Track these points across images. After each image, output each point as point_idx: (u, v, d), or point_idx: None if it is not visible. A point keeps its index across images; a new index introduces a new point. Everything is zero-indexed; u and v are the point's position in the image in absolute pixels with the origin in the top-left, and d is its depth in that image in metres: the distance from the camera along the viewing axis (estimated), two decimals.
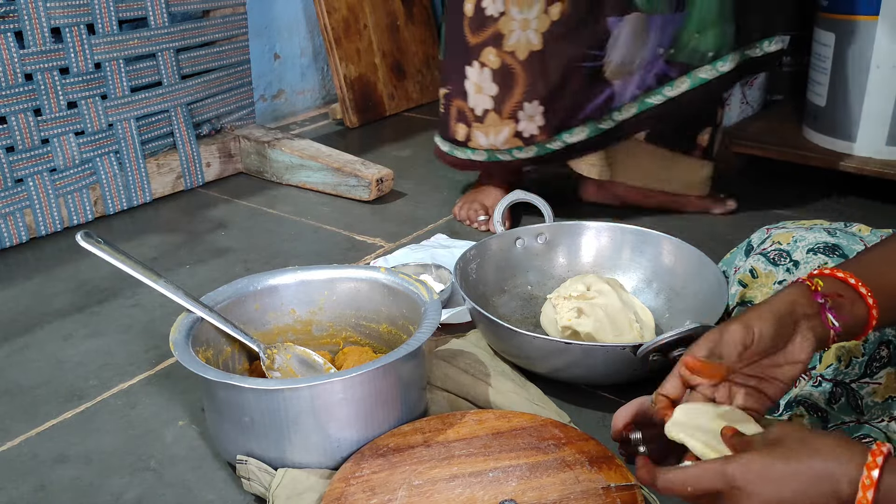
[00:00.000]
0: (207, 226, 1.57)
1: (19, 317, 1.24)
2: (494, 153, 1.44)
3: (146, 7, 1.58)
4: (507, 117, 1.40)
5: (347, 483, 0.75)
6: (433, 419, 0.85)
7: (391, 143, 2.07)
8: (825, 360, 0.81)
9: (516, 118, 1.39)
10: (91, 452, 0.92)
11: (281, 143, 1.78)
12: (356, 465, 0.78)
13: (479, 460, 0.78)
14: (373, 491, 0.74)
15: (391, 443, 0.81)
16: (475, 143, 1.45)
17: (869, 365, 0.79)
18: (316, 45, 2.33)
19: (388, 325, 0.99)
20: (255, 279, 0.99)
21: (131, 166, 1.62)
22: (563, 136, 1.38)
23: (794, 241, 0.92)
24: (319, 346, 1.01)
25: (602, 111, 1.36)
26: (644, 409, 0.78)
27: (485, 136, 1.43)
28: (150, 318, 1.22)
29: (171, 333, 0.86)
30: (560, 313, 1.06)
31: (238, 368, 0.95)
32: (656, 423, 0.68)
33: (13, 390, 1.05)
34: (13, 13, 1.38)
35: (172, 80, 1.67)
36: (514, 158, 1.43)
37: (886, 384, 0.78)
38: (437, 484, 0.75)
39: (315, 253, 1.44)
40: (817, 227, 0.93)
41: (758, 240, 1.00)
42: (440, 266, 1.24)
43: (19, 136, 1.43)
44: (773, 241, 0.94)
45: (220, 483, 0.86)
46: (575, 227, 1.23)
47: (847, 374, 0.80)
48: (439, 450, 0.80)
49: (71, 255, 1.43)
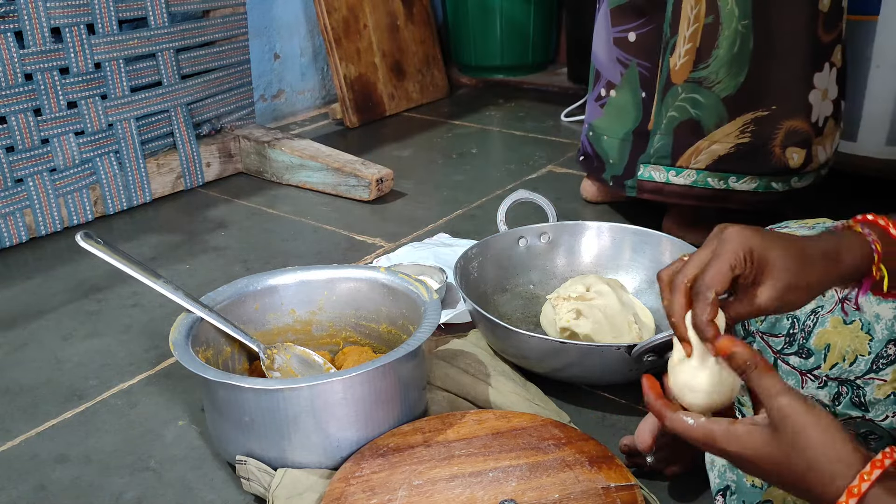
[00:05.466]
0: (207, 226, 1.57)
1: (19, 316, 1.24)
2: (819, 171, 1.33)
3: (146, 7, 1.58)
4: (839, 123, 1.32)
5: (347, 483, 0.75)
6: (433, 419, 0.85)
7: (391, 143, 2.07)
8: (829, 360, 0.81)
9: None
10: (91, 452, 0.92)
11: (281, 142, 1.78)
12: (356, 465, 0.78)
13: (479, 460, 0.77)
14: (373, 491, 0.74)
15: (391, 443, 0.81)
16: (814, 163, 1.30)
17: (875, 362, 0.78)
18: (316, 45, 2.33)
19: (387, 325, 0.99)
20: (255, 279, 0.99)
21: (131, 166, 1.62)
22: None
23: None
24: (319, 346, 1.01)
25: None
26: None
27: (824, 150, 1.30)
28: (150, 318, 1.22)
29: (170, 333, 0.85)
30: (559, 314, 1.06)
31: (238, 368, 0.95)
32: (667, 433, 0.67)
33: (13, 390, 1.05)
34: (13, 13, 1.38)
35: (172, 80, 1.67)
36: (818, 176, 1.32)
37: (892, 380, 0.77)
38: (437, 484, 0.75)
39: (315, 253, 1.44)
40: (819, 227, 0.93)
41: None
42: (434, 266, 1.24)
43: (19, 136, 1.43)
44: None
45: (220, 483, 0.86)
46: (578, 226, 1.23)
47: (852, 371, 0.79)
48: (439, 450, 0.79)
49: (71, 254, 1.43)
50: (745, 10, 1.21)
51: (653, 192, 1.37)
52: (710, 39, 1.24)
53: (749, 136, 1.27)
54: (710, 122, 1.28)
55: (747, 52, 1.23)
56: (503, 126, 2.21)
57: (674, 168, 1.33)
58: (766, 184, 1.30)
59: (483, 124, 2.23)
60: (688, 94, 1.28)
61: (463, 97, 2.54)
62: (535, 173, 1.81)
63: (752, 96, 1.26)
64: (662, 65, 1.30)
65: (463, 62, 2.65)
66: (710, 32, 1.23)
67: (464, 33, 2.58)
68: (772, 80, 1.25)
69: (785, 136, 1.27)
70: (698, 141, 1.29)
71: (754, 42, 1.23)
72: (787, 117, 1.26)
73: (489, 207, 1.60)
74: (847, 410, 0.77)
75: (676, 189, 1.34)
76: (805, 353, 0.83)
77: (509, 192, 1.39)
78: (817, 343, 0.82)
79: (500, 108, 2.39)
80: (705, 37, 1.24)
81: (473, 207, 1.62)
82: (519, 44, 2.57)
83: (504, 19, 2.52)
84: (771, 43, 1.23)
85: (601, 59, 1.44)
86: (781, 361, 0.85)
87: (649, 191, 1.37)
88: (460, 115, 2.32)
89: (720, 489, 0.75)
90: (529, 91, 2.56)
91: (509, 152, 2.01)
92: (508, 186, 1.72)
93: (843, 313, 0.82)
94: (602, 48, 1.43)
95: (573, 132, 2.11)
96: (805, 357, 0.83)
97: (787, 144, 1.27)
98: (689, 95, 1.28)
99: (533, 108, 2.37)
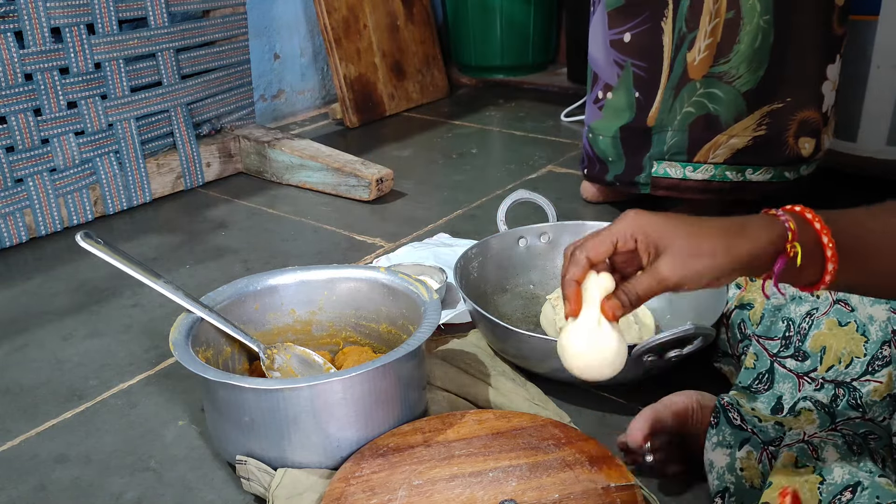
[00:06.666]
0: (207, 226, 1.57)
1: (19, 317, 1.24)
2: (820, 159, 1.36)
3: (146, 7, 1.58)
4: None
5: (347, 483, 0.75)
6: (433, 419, 0.85)
7: (391, 143, 2.07)
8: (825, 363, 0.81)
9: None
10: (91, 452, 0.92)
11: (281, 142, 1.78)
12: (356, 465, 0.78)
13: (479, 460, 0.77)
14: (373, 491, 0.74)
15: (391, 443, 0.81)
16: (821, 152, 1.35)
17: (871, 363, 0.79)
18: (316, 45, 2.33)
19: (387, 325, 0.99)
20: (255, 279, 0.99)
21: (131, 166, 1.62)
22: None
23: None
24: (319, 346, 1.01)
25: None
26: (656, 416, 0.79)
27: (828, 138, 1.34)
28: (150, 318, 1.22)
29: (170, 333, 0.85)
30: (559, 314, 1.07)
31: (238, 368, 0.95)
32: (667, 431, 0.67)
33: (13, 390, 1.05)
34: (13, 13, 1.38)
35: (172, 80, 1.67)
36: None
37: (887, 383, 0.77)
38: (437, 484, 0.75)
39: (315, 253, 1.44)
40: None
41: None
42: (434, 266, 1.24)
43: (19, 136, 1.43)
44: None
45: (220, 483, 0.86)
46: (578, 226, 1.23)
47: (848, 373, 0.79)
48: (439, 450, 0.79)
49: (71, 255, 1.43)
50: (766, 6, 1.22)
51: (669, 189, 1.37)
52: (732, 34, 1.24)
53: (765, 129, 1.29)
54: (730, 116, 1.29)
55: (768, 46, 1.24)
56: (503, 126, 2.21)
57: (690, 164, 1.33)
58: (779, 173, 1.32)
59: (483, 124, 2.23)
60: (706, 88, 1.28)
61: (463, 97, 2.54)
62: (535, 173, 1.81)
63: (770, 89, 1.27)
64: (676, 61, 1.30)
65: (463, 62, 2.65)
66: (731, 27, 1.24)
67: (464, 33, 2.58)
68: (789, 74, 1.27)
69: (798, 126, 1.29)
70: (715, 136, 1.30)
71: (774, 36, 1.24)
72: (801, 108, 1.29)
73: (489, 207, 1.60)
74: (846, 411, 0.77)
75: (694, 184, 1.35)
76: (801, 356, 0.83)
77: (509, 192, 1.39)
78: (813, 345, 0.82)
79: (500, 108, 2.39)
80: (726, 32, 1.25)
81: (473, 207, 1.62)
82: (519, 44, 2.58)
83: (504, 19, 2.52)
84: (790, 37, 1.25)
85: (598, 61, 1.44)
86: (778, 365, 0.85)
87: (665, 187, 1.38)
88: (460, 115, 2.32)
89: (719, 491, 0.75)
90: (529, 91, 2.56)
91: (509, 152, 2.01)
92: (508, 186, 1.72)
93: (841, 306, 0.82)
94: (599, 51, 1.43)
95: (573, 132, 2.12)
96: (801, 360, 0.83)
97: (799, 135, 1.29)
98: (707, 90, 1.28)
99: (533, 108, 2.37)
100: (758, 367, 0.86)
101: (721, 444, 0.76)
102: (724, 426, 0.77)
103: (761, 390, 0.85)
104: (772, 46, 1.24)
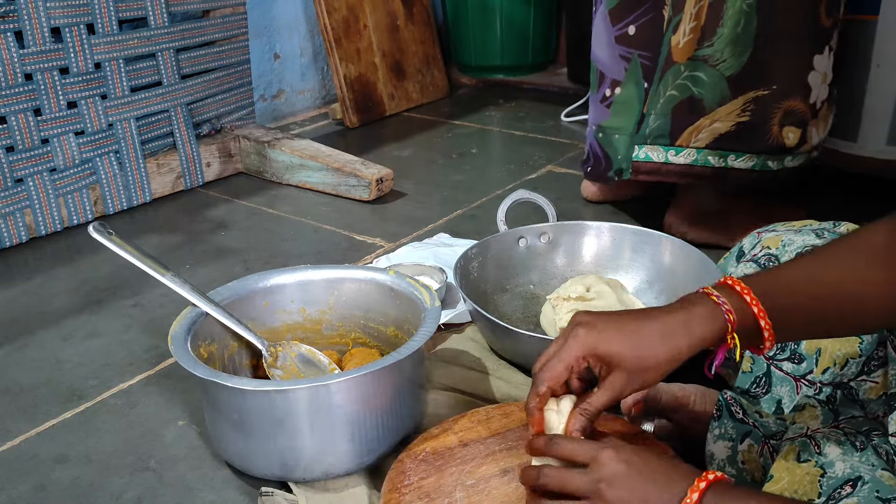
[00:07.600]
0: (207, 226, 1.57)
1: (19, 317, 1.24)
2: (811, 153, 1.35)
3: (146, 7, 1.58)
4: (831, 106, 1.35)
5: (400, 493, 0.74)
6: (459, 418, 0.84)
7: (391, 143, 2.07)
8: (821, 365, 0.81)
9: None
10: (91, 452, 0.92)
11: (281, 142, 1.78)
12: (400, 474, 0.76)
13: (521, 452, 0.77)
14: (429, 497, 0.73)
15: (427, 447, 0.80)
16: (808, 145, 1.32)
17: (867, 364, 0.79)
18: (316, 45, 2.33)
19: (394, 329, 0.98)
20: (263, 276, 0.99)
21: (131, 166, 1.62)
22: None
23: (782, 246, 0.91)
24: (329, 345, 1.01)
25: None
26: (652, 392, 0.84)
27: (817, 133, 1.33)
28: (149, 317, 1.22)
29: (171, 327, 0.85)
30: (558, 314, 1.07)
31: (244, 364, 0.95)
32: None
33: (13, 390, 1.05)
34: (13, 13, 1.38)
35: (172, 80, 1.67)
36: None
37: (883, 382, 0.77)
38: (491, 481, 0.74)
39: (315, 253, 1.44)
40: (806, 229, 0.93)
41: (749, 245, 0.99)
42: (434, 266, 1.24)
43: (19, 136, 1.43)
44: (763, 247, 0.94)
45: (220, 483, 0.86)
46: (578, 226, 1.23)
47: (844, 374, 0.79)
48: (478, 448, 0.79)
49: (71, 254, 1.43)
50: None
51: (650, 173, 1.37)
52: (715, 17, 1.25)
53: (749, 115, 1.28)
54: (713, 100, 1.29)
55: (751, 31, 1.24)
56: (503, 126, 2.21)
57: (673, 147, 1.33)
58: (762, 162, 1.31)
59: (483, 124, 2.23)
60: (690, 72, 1.28)
61: (463, 97, 2.54)
62: (535, 173, 1.81)
63: (755, 75, 1.27)
64: (663, 44, 1.31)
65: (463, 62, 2.65)
66: (714, 10, 1.24)
67: (464, 33, 2.58)
68: (773, 60, 1.26)
69: (783, 115, 1.28)
70: (698, 119, 1.30)
71: (758, 21, 1.24)
72: (786, 97, 1.28)
73: (489, 207, 1.60)
74: (848, 409, 0.77)
75: (675, 168, 1.34)
76: (797, 358, 0.83)
77: (509, 192, 1.39)
78: (808, 347, 0.83)
79: (500, 108, 2.39)
80: (710, 14, 1.25)
81: (473, 207, 1.62)
82: (519, 44, 2.58)
83: (504, 19, 2.52)
84: (774, 23, 1.25)
85: (603, 60, 1.44)
86: (775, 368, 0.85)
87: (646, 171, 1.37)
88: (460, 115, 2.32)
89: None
90: (529, 91, 2.56)
91: (509, 152, 2.01)
92: (508, 186, 1.72)
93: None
94: (603, 49, 1.43)
95: (573, 132, 2.11)
96: (797, 362, 0.83)
97: (784, 124, 1.29)
98: (691, 73, 1.28)
99: (533, 108, 2.37)
100: (755, 370, 0.86)
101: (723, 437, 0.76)
102: (727, 419, 0.77)
103: (760, 394, 0.85)
104: (756, 31, 1.25)
